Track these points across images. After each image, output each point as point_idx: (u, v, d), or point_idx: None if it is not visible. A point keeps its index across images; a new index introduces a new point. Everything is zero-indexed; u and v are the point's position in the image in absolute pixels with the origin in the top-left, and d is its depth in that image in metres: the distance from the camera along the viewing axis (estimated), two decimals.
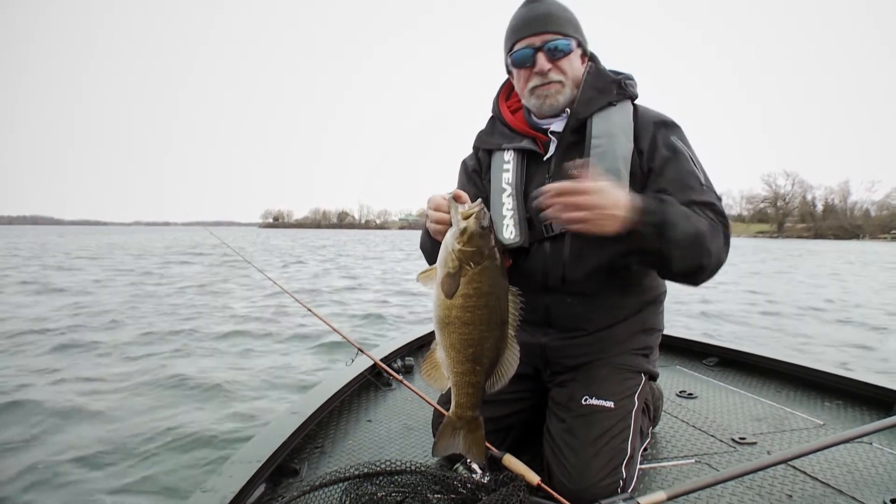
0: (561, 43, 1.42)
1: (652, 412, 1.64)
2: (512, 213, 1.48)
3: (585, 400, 1.40)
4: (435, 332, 1.23)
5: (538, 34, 1.42)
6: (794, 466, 1.50)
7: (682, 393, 2.18)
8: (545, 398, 1.54)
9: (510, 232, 1.47)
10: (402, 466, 1.25)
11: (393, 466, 1.25)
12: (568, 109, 1.48)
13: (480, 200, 1.21)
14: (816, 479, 1.44)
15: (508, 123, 1.59)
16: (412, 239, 56.47)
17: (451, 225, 1.20)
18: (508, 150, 1.56)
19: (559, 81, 1.44)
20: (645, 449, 1.58)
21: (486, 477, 1.24)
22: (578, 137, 1.46)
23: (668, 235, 1.20)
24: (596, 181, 1.15)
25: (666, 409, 1.97)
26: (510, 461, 1.27)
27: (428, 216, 1.34)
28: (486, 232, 1.16)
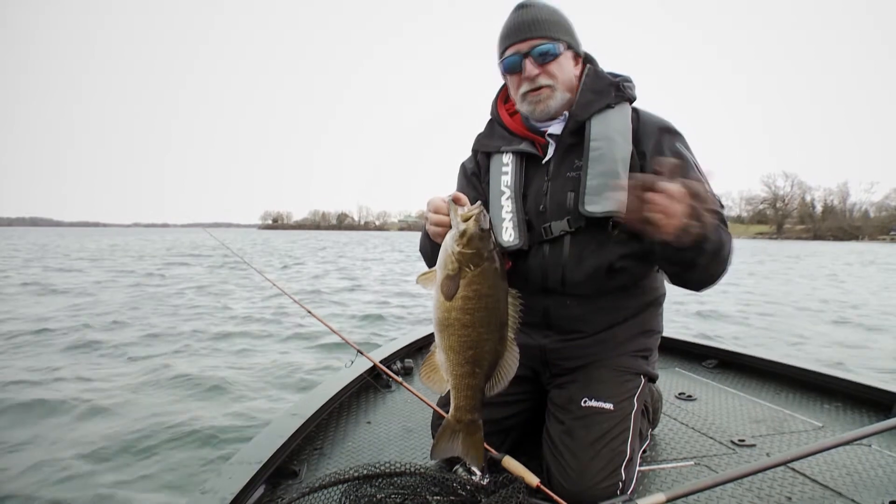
0: (547, 47, 1.42)
1: (651, 414, 1.64)
2: (511, 215, 1.49)
3: (585, 402, 1.40)
4: (434, 334, 1.23)
5: (525, 40, 1.42)
6: (793, 468, 1.50)
7: (681, 395, 2.18)
8: (544, 400, 1.54)
9: (509, 234, 1.47)
10: (401, 468, 1.25)
11: (392, 468, 1.26)
12: (566, 112, 1.48)
13: (480, 203, 1.22)
14: (816, 481, 1.44)
15: (507, 126, 1.59)
16: (411, 240, 56.47)
17: (450, 227, 1.21)
18: (507, 152, 1.56)
19: (549, 86, 1.44)
20: (644, 451, 1.58)
21: (485, 479, 1.24)
22: (577, 140, 1.46)
23: (704, 246, 1.20)
24: (695, 185, 1.09)
25: (665, 410, 1.97)
26: (509, 463, 1.27)
27: (427, 219, 1.34)
28: (485, 234, 1.17)
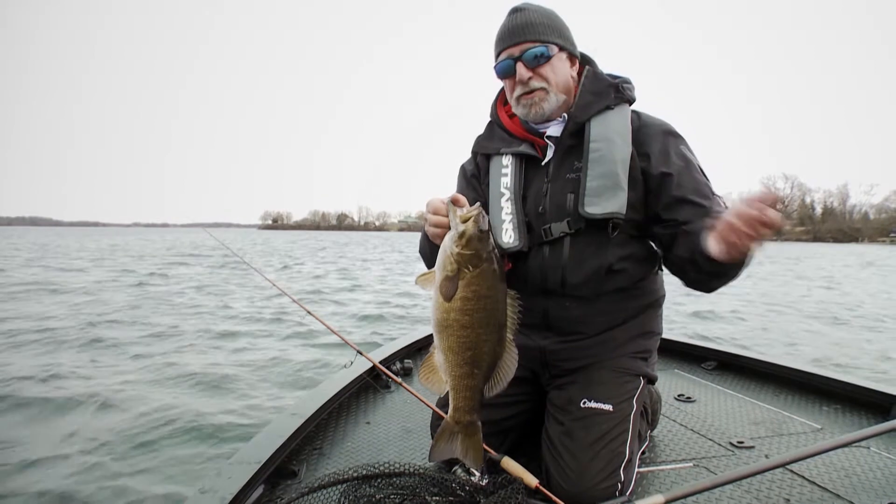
0: (539, 50, 1.42)
1: (650, 415, 1.64)
2: (511, 217, 1.49)
3: (584, 403, 1.40)
4: (433, 335, 1.22)
5: (517, 44, 1.43)
6: (791, 470, 1.50)
7: (680, 396, 2.18)
8: (544, 401, 1.54)
9: (509, 236, 1.47)
10: (400, 468, 1.25)
11: (391, 468, 1.25)
12: (565, 114, 1.48)
13: (479, 204, 1.21)
14: (814, 483, 1.44)
15: (507, 128, 1.59)
16: (411, 240, 56.52)
17: (449, 228, 1.21)
18: (507, 154, 1.56)
19: (542, 88, 1.44)
20: (643, 452, 1.58)
21: (484, 479, 1.24)
22: (576, 141, 1.46)
23: (746, 262, 1.19)
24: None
25: (664, 412, 1.97)
26: (508, 464, 1.27)
27: (427, 220, 1.34)
28: (484, 235, 1.17)
